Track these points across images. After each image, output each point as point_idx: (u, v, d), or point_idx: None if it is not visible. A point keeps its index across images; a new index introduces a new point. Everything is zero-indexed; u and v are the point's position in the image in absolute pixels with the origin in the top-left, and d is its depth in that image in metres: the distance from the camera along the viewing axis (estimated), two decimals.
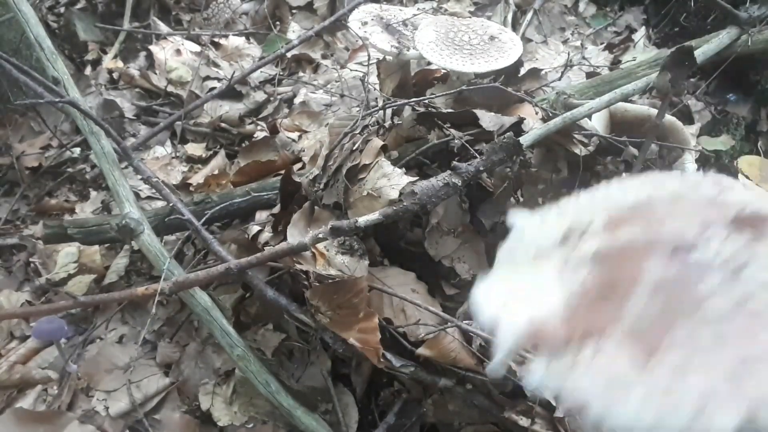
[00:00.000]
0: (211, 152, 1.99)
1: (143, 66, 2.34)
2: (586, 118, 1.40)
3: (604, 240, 0.34)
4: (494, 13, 2.44)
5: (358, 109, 1.92)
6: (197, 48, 2.36)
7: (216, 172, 1.86)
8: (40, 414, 1.30)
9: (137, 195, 1.65)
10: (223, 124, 2.07)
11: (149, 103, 2.21)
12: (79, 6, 2.51)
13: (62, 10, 2.46)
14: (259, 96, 2.16)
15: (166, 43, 2.33)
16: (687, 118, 1.82)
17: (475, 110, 1.36)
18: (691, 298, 0.29)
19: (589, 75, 2.04)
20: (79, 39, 2.40)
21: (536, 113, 1.47)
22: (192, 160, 1.97)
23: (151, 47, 2.31)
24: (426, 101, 1.43)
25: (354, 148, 1.33)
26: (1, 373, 1.36)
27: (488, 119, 1.35)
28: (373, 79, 1.82)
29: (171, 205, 1.34)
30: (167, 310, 1.48)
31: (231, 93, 2.02)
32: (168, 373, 1.37)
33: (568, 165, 1.42)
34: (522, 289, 0.35)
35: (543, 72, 2.03)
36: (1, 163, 1.98)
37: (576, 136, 1.42)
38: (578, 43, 2.33)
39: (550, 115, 1.43)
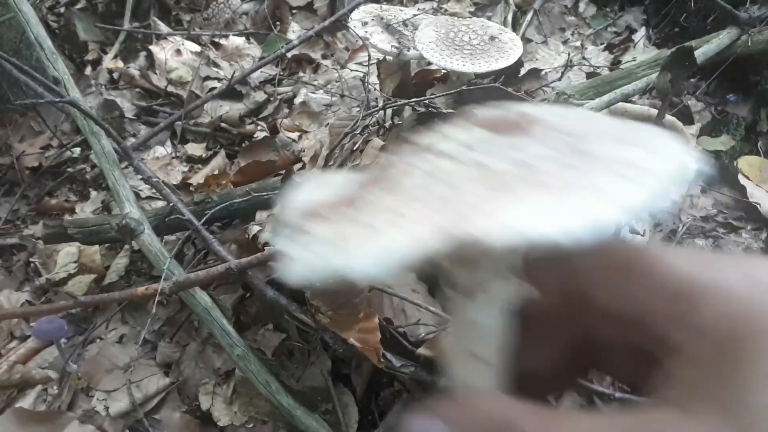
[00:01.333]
0: (211, 152, 1.99)
1: (143, 66, 2.34)
2: None
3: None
4: (494, 13, 2.44)
5: (358, 109, 1.92)
6: (197, 48, 2.36)
7: (216, 172, 1.86)
8: (40, 414, 1.30)
9: (137, 195, 1.65)
10: (223, 124, 2.07)
11: (149, 103, 2.21)
12: (79, 6, 2.51)
13: (62, 10, 2.47)
14: (259, 96, 2.16)
15: (166, 43, 2.33)
16: (687, 118, 1.82)
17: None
18: (396, 171, 0.33)
19: (589, 75, 2.04)
20: (79, 39, 2.40)
21: None
22: (192, 160, 1.97)
23: (151, 47, 2.31)
24: (426, 101, 1.44)
25: (354, 149, 1.33)
26: (1, 373, 1.36)
27: None
28: (373, 79, 1.82)
29: (171, 205, 1.34)
30: (167, 310, 1.48)
31: (231, 93, 2.02)
32: (168, 373, 1.37)
33: None
34: (320, 185, 0.39)
35: (543, 72, 2.04)
36: (1, 163, 1.98)
37: None
38: (578, 44, 2.33)
39: None
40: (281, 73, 2.28)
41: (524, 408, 0.33)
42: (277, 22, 2.57)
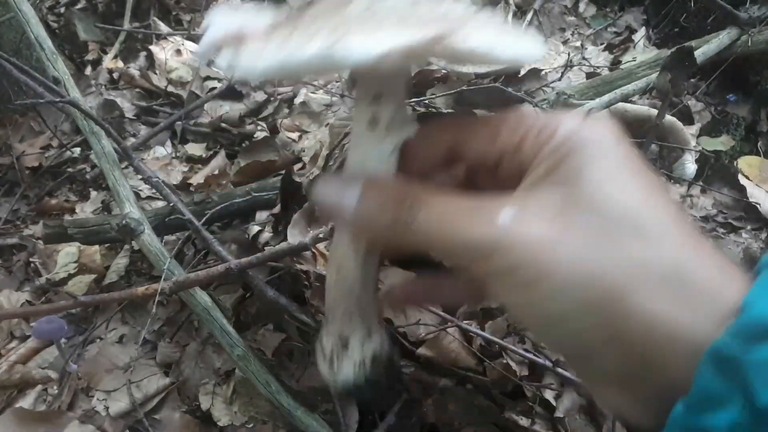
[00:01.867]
0: (211, 152, 1.99)
1: (143, 66, 2.34)
2: None
3: None
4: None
5: None
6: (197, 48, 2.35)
7: (216, 172, 1.86)
8: (40, 414, 1.30)
9: (137, 195, 1.65)
10: (223, 125, 2.07)
11: (149, 103, 2.21)
12: (79, 6, 2.51)
13: (62, 10, 2.47)
14: (259, 96, 2.16)
15: (167, 43, 2.33)
16: (687, 118, 1.82)
17: (475, 110, 1.37)
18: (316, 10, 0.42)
19: (589, 75, 2.04)
20: (79, 39, 2.40)
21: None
22: (192, 160, 1.97)
23: (152, 47, 2.31)
24: (426, 101, 1.44)
25: None
26: (1, 373, 1.36)
27: None
28: None
29: (171, 205, 1.34)
30: (167, 310, 1.48)
31: (231, 93, 2.03)
32: (168, 373, 1.37)
33: None
34: (245, 15, 0.46)
35: (543, 72, 2.04)
36: (1, 163, 1.98)
37: None
38: (578, 44, 2.33)
39: None
40: None
41: (418, 185, 0.46)
42: None
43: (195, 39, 2.41)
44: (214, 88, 2.13)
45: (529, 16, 2.37)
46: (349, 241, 0.52)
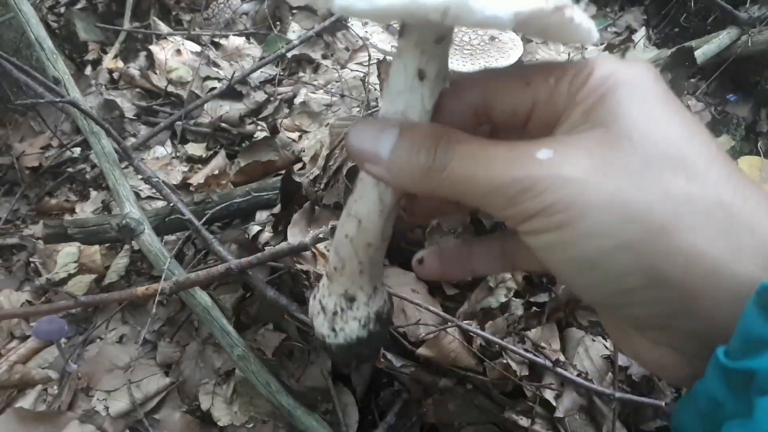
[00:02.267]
0: (211, 152, 1.99)
1: (143, 66, 2.34)
2: None
3: None
4: None
5: (358, 109, 1.92)
6: (197, 48, 2.36)
7: (216, 172, 1.86)
8: (40, 414, 1.30)
9: (137, 195, 1.65)
10: (223, 124, 2.07)
11: (149, 103, 2.21)
12: (79, 6, 2.51)
13: (62, 10, 2.47)
14: (260, 96, 2.16)
15: (167, 43, 2.34)
16: None
17: None
18: None
19: None
20: (79, 39, 2.40)
21: None
22: (192, 160, 1.97)
23: (152, 47, 2.31)
24: None
25: None
26: (1, 373, 1.36)
27: None
28: (373, 79, 1.82)
29: (171, 205, 1.34)
30: (167, 310, 1.48)
31: (231, 93, 2.02)
32: (168, 373, 1.37)
33: None
34: None
35: None
36: (1, 163, 1.99)
37: None
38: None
39: None
40: (281, 73, 2.28)
41: (452, 129, 0.45)
42: (277, 22, 2.57)
43: (195, 39, 2.41)
44: (214, 88, 2.13)
45: None
46: (376, 192, 0.50)
